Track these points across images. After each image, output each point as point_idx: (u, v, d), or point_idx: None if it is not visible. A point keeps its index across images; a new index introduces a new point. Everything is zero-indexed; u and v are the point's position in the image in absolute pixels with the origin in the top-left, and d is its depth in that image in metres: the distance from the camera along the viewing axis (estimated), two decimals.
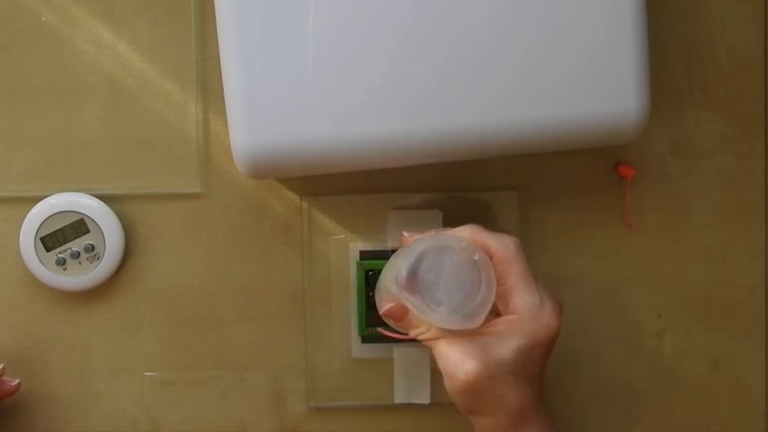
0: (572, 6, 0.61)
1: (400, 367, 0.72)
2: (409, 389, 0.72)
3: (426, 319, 0.57)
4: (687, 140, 0.72)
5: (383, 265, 0.70)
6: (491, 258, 0.58)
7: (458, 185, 0.72)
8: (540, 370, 0.58)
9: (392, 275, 0.59)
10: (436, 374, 0.72)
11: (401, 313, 0.59)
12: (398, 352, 0.72)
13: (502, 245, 0.58)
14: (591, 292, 0.72)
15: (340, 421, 0.73)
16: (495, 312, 0.59)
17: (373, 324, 0.71)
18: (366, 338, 0.72)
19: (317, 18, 0.60)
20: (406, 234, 0.63)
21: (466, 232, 0.59)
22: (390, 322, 0.61)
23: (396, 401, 0.72)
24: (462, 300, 0.56)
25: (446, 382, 0.58)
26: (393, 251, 0.71)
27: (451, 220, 0.71)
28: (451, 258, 0.57)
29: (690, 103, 0.72)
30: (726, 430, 0.73)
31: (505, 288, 0.58)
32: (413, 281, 0.57)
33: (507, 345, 0.57)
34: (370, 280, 0.71)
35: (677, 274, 0.73)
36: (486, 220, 0.71)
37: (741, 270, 0.73)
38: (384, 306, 0.59)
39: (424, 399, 0.72)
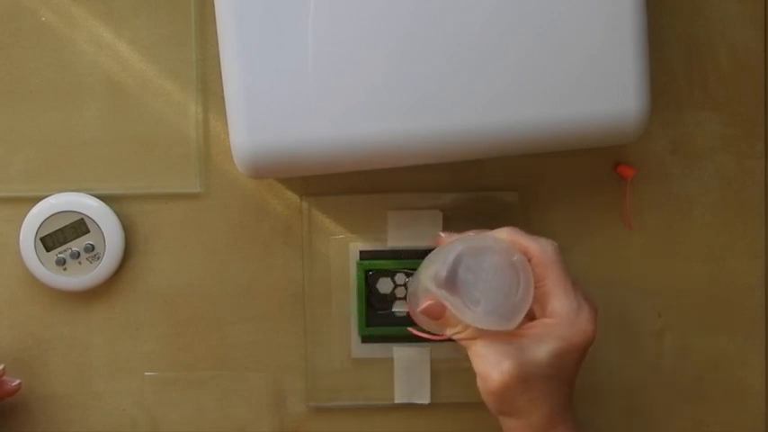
0: (572, 6, 0.61)
1: (400, 367, 0.72)
2: (409, 389, 0.72)
3: (463, 319, 0.57)
4: (687, 140, 0.72)
5: (383, 265, 0.71)
6: (529, 261, 0.58)
7: (458, 185, 0.72)
8: (573, 374, 0.58)
9: (430, 274, 0.59)
10: (436, 374, 0.72)
11: (439, 312, 0.59)
12: (398, 352, 0.72)
13: (540, 247, 0.58)
14: (591, 292, 0.72)
15: (340, 421, 0.73)
16: (530, 316, 0.59)
17: (373, 324, 0.71)
18: (366, 338, 0.72)
19: (317, 18, 0.60)
20: (442, 234, 0.63)
21: (504, 234, 0.59)
22: (425, 321, 0.61)
23: (396, 401, 0.72)
24: (500, 300, 0.57)
25: (479, 383, 0.57)
26: (393, 251, 0.71)
27: (451, 220, 0.71)
28: (491, 259, 0.57)
29: (690, 103, 0.72)
30: (726, 430, 0.73)
31: (543, 291, 0.58)
32: (452, 280, 0.57)
33: (543, 348, 0.57)
34: (369, 280, 0.71)
35: (677, 274, 0.73)
36: (487, 220, 0.71)
37: (741, 270, 0.73)
38: (422, 304, 0.59)
39: (424, 399, 0.72)
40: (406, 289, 0.71)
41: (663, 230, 0.72)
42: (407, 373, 0.72)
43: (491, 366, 0.56)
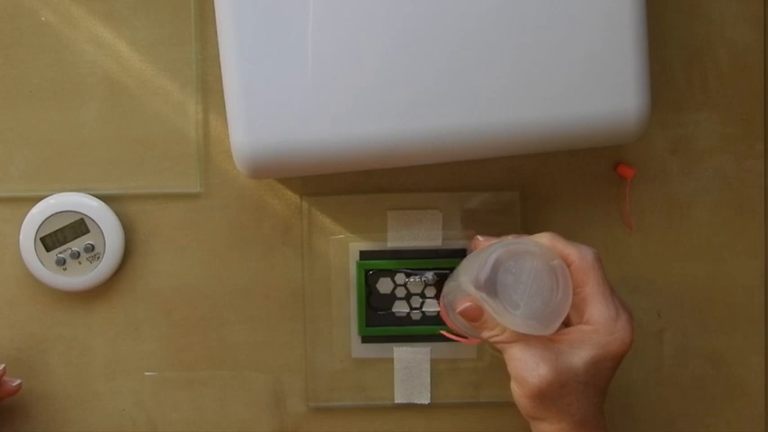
0: (572, 6, 0.61)
1: (400, 367, 0.72)
2: (409, 389, 0.72)
3: (502, 322, 0.57)
4: (687, 140, 0.72)
5: (383, 265, 0.71)
6: (569, 266, 0.58)
7: (458, 185, 0.72)
8: (607, 382, 0.58)
9: (469, 276, 0.59)
10: (436, 374, 0.72)
11: (477, 314, 0.58)
12: (398, 352, 0.72)
13: (580, 254, 0.58)
14: None
15: (340, 421, 0.73)
16: (566, 322, 0.59)
17: (373, 324, 0.71)
18: (366, 338, 0.72)
19: (316, 18, 0.60)
20: (480, 238, 0.63)
21: (544, 239, 0.59)
22: (460, 323, 0.61)
23: (396, 401, 0.72)
24: (539, 305, 0.56)
25: (515, 386, 0.57)
26: (393, 251, 0.71)
27: (451, 220, 0.71)
28: (531, 263, 0.57)
29: (690, 103, 0.72)
30: (726, 430, 0.73)
31: (581, 297, 0.58)
32: (491, 282, 0.56)
33: (580, 354, 0.57)
34: (369, 280, 0.71)
35: (677, 274, 0.73)
36: (487, 220, 0.71)
37: (741, 270, 0.73)
38: (459, 306, 0.59)
39: (424, 399, 0.72)
40: (407, 289, 0.71)
41: (663, 230, 0.72)
42: (407, 373, 0.72)
43: (527, 371, 0.56)
